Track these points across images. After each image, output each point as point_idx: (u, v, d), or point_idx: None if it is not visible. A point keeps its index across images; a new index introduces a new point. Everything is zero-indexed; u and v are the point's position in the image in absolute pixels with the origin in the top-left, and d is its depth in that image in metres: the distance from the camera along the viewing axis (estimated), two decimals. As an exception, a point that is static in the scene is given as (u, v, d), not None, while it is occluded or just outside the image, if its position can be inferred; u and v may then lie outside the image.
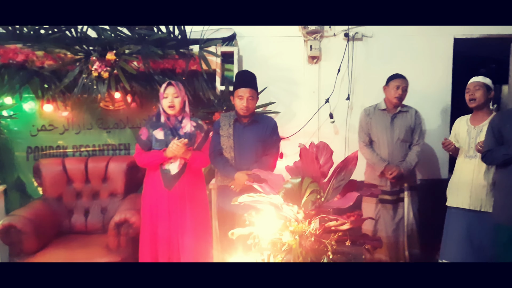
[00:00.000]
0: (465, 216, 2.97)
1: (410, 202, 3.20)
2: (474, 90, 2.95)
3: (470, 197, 2.92)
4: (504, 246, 2.59)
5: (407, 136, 3.21)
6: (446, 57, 3.71)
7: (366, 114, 3.30)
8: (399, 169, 3.12)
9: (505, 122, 2.64)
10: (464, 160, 3.01)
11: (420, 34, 3.67)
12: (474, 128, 2.98)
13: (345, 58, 3.68)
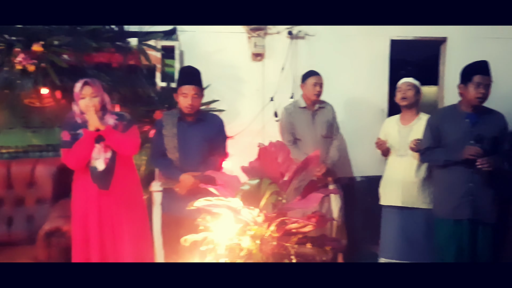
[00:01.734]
0: (399, 214, 3.08)
1: (338, 197, 3.24)
2: (406, 89, 3.07)
3: (403, 195, 3.03)
4: (444, 239, 2.72)
5: (328, 132, 3.26)
6: (383, 58, 3.83)
7: (287, 113, 3.29)
8: (325, 165, 3.15)
9: (443, 120, 2.78)
10: (395, 159, 3.12)
11: (359, 34, 3.75)
12: (405, 127, 3.09)
13: (288, 56, 3.66)
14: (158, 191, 2.87)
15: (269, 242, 1.63)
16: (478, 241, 2.64)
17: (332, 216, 3.19)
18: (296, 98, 3.59)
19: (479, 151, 2.51)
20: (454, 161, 2.64)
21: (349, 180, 3.83)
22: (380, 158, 3.86)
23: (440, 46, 3.98)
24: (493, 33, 3.83)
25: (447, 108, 2.94)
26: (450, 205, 2.68)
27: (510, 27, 3.81)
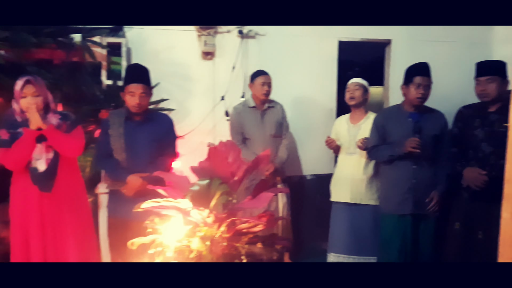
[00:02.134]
0: (347, 210, 3.16)
1: (285, 195, 3.28)
2: (354, 89, 3.15)
3: (351, 192, 3.12)
4: (389, 233, 2.84)
5: (277, 131, 3.29)
6: (331, 58, 3.91)
7: (236, 112, 3.29)
8: (274, 165, 3.18)
9: (387, 119, 2.89)
10: (345, 156, 3.20)
11: (309, 35, 3.80)
12: (354, 126, 3.18)
13: (239, 55, 3.65)
14: (104, 193, 2.77)
15: (219, 243, 1.61)
16: (420, 235, 2.78)
17: (279, 215, 3.23)
18: (247, 97, 3.59)
19: (418, 141, 2.63)
20: (398, 156, 2.74)
21: (299, 179, 3.88)
22: (329, 157, 3.96)
23: (385, 48, 4.12)
24: (435, 35, 4.01)
25: (392, 107, 3.06)
26: (395, 201, 2.80)
27: (451, 30, 4.00)
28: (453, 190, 2.74)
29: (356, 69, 5.88)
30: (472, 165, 2.62)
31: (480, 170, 2.55)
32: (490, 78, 2.58)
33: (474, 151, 2.63)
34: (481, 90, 2.61)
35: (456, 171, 2.69)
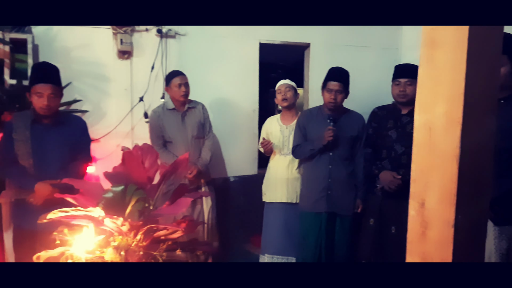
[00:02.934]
0: (282, 210, 3.20)
1: (210, 197, 3.25)
2: (286, 91, 3.21)
3: (287, 191, 3.17)
4: (306, 231, 2.93)
5: (200, 132, 3.23)
6: (253, 60, 3.93)
7: (156, 115, 3.17)
8: (197, 167, 3.13)
9: (309, 120, 2.98)
10: (279, 157, 3.24)
11: (230, 36, 3.79)
12: (286, 127, 3.24)
13: (158, 55, 3.53)
14: (8, 202, 2.52)
15: (135, 252, 1.52)
16: (336, 232, 2.90)
17: (205, 219, 3.17)
18: (166, 99, 3.49)
19: (335, 130, 2.75)
20: (318, 149, 2.85)
21: (223, 181, 3.85)
22: (252, 158, 3.98)
23: (305, 51, 4.24)
24: (350, 41, 4.20)
25: (313, 109, 3.16)
26: (312, 199, 2.91)
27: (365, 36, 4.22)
28: (369, 189, 2.88)
29: (279, 71, 6.00)
30: (386, 165, 2.77)
31: (395, 174, 2.70)
32: (409, 80, 2.74)
33: (387, 151, 2.79)
34: (401, 91, 2.76)
35: (372, 173, 2.83)
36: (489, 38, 0.87)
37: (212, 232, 3.24)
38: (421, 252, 0.91)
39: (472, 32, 0.83)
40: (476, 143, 0.88)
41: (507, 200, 2.17)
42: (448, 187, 0.87)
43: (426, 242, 0.91)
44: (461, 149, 0.85)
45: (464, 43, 0.83)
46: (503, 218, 2.20)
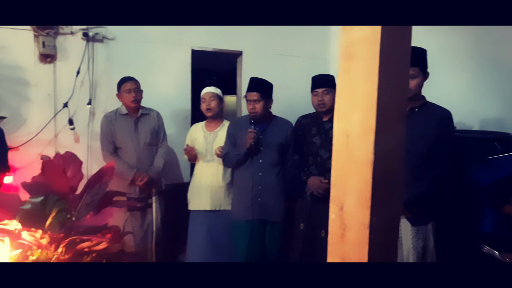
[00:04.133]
0: (206, 217, 3.18)
1: (158, 207, 3.20)
2: (210, 100, 3.20)
3: (211, 199, 3.15)
4: (238, 238, 2.94)
5: (153, 139, 3.20)
6: (185, 66, 3.90)
7: (107, 121, 3.12)
8: (148, 175, 3.08)
9: (238, 128, 3.01)
10: (203, 164, 3.22)
11: (161, 41, 3.73)
12: (210, 134, 3.23)
13: (85, 59, 3.38)
14: None
15: (56, 267, 1.44)
16: (267, 238, 2.95)
17: (154, 229, 3.11)
18: (98, 103, 3.37)
19: (256, 131, 2.81)
20: (244, 154, 2.89)
21: (175, 187, 3.75)
22: (185, 165, 3.93)
23: (237, 59, 4.28)
24: (281, 50, 4.31)
25: (242, 117, 3.20)
26: (243, 207, 2.93)
27: (295, 45, 4.35)
28: (298, 194, 2.96)
29: (214, 77, 6.00)
30: (313, 170, 2.87)
31: (322, 178, 2.80)
32: (326, 89, 2.86)
33: (313, 157, 2.88)
34: (319, 100, 2.88)
35: (300, 179, 2.91)
36: (399, 52, 0.94)
37: (159, 243, 3.17)
38: (340, 253, 0.96)
39: (383, 46, 0.89)
40: (388, 149, 0.94)
41: (423, 201, 2.34)
42: (364, 191, 0.92)
43: (345, 243, 0.96)
44: (375, 154, 0.91)
45: (376, 56, 0.89)
46: (420, 219, 2.37)
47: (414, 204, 2.33)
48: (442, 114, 2.37)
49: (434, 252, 2.42)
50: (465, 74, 3.69)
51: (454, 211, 2.86)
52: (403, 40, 0.95)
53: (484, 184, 2.62)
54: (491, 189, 2.41)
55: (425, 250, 2.38)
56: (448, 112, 2.38)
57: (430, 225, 2.41)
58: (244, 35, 4.10)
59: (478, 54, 3.62)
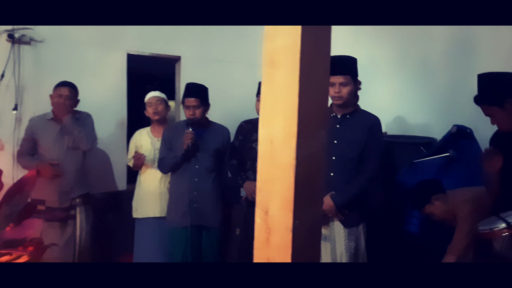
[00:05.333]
0: (156, 225, 3.11)
1: (84, 218, 3.06)
2: (157, 104, 3.16)
3: (160, 205, 3.09)
4: (173, 246, 2.90)
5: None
6: (121, 70, 3.79)
7: (31, 125, 2.99)
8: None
9: (174, 133, 2.99)
10: (150, 171, 3.16)
11: (94, 45, 3.61)
12: (158, 139, 3.18)
13: (10, 62, 3.19)
14: None
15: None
16: (203, 244, 2.93)
17: (77, 241, 2.96)
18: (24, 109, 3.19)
19: (192, 132, 2.80)
20: (181, 157, 2.85)
21: (108, 196, 3.61)
22: (121, 173, 3.81)
23: (176, 64, 4.23)
24: (220, 56, 4.31)
25: (179, 122, 3.19)
26: (178, 213, 2.90)
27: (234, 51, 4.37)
28: (235, 199, 2.98)
29: (155, 82, 5.90)
30: (250, 175, 2.89)
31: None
32: None
33: (252, 162, 2.92)
34: None
35: (237, 184, 2.92)
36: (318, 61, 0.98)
37: (84, 255, 3.03)
38: (265, 258, 0.97)
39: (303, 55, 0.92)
40: (309, 154, 0.97)
41: (354, 203, 2.43)
42: (287, 195, 0.94)
43: (270, 247, 0.98)
44: (297, 160, 0.93)
45: (297, 65, 0.92)
46: (351, 221, 2.47)
47: (346, 207, 2.42)
48: (371, 120, 2.49)
49: (366, 253, 2.52)
50: (394, 83, 3.91)
51: (384, 212, 3.01)
52: (322, 50, 0.99)
53: (410, 186, 2.78)
54: (414, 190, 2.56)
55: (357, 251, 2.48)
56: (377, 119, 2.51)
57: (361, 226, 2.51)
58: (182, 40, 4.06)
59: (406, 64, 3.85)
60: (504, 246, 2.04)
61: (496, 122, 2.01)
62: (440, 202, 2.43)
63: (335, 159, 2.44)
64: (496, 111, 1.96)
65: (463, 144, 2.95)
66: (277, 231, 0.97)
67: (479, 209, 2.29)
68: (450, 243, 2.35)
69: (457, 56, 3.44)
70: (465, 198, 2.39)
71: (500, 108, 1.94)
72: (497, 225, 1.82)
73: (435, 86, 3.60)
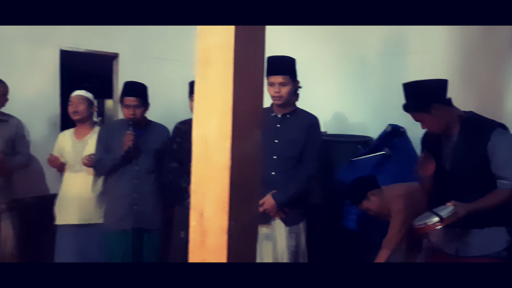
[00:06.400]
0: (75, 232, 2.96)
1: (9, 224, 2.87)
2: (78, 103, 3.01)
3: (79, 212, 2.93)
4: (112, 250, 2.80)
5: (7, 149, 2.87)
6: (53, 67, 3.58)
7: None
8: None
9: (112, 133, 2.89)
10: (71, 175, 3.00)
11: (23, 40, 3.38)
12: (79, 142, 3.03)
13: None
14: None
15: None
16: (144, 248, 2.85)
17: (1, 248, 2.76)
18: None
19: (133, 133, 2.72)
20: (121, 158, 2.76)
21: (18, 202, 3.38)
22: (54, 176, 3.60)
23: (113, 61, 4.08)
24: (159, 53, 4.21)
25: (116, 121, 3.07)
26: (117, 216, 2.80)
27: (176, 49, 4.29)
28: (177, 202, 2.91)
29: (94, 80, 5.66)
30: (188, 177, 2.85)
31: None
32: None
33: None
34: None
35: (180, 186, 2.85)
36: (253, 60, 0.97)
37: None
38: (200, 260, 0.95)
39: (237, 54, 0.91)
40: (244, 154, 0.96)
41: (295, 202, 2.47)
42: (222, 196, 0.93)
43: (205, 250, 0.96)
44: (232, 160, 0.92)
45: (230, 63, 0.90)
46: (292, 219, 2.50)
47: (287, 205, 2.45)
48: (310, 120, 2.53)
49: (306, 250, 2.57)
50: (333, 83, 4.02)
51: (323, 209, 3.08)
52: (257, 48, 0.98)
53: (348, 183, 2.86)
54: (351, 187, 2.64)
55: (297, 249, 2.52)
56: (315, 118, 2.56)
57: (302, 224, 2.55)
58: (120, 36, 3.92)
59: (344, 65, 3.97)
60: (441, 239, 2.16)
61: (426, 126, 2.12)
62: (376, 198, 2.52)
63: (276, 158, 2.46)
64: (425, 116, 2.06)
65: (397, 142, 3.09)
66: (213, 234, 0.95)
67: (412, 203, 2.40)
68: (385, 238, 2.45)
69: (391, 56, 3.60)
70: (399, 193, 2.50)
71: (428, 113, 2.04)
72: (430, 219, 1.92)
73: (372, 86, 3.75)
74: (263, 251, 2.50)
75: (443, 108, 2.05)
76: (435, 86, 2.08)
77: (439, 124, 2.08)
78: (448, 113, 2.07)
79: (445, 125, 2.08)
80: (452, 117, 2.08)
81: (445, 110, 2.06)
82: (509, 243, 2.04)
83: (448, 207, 1.90)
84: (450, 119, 2.08)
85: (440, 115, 2.04)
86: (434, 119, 2.05)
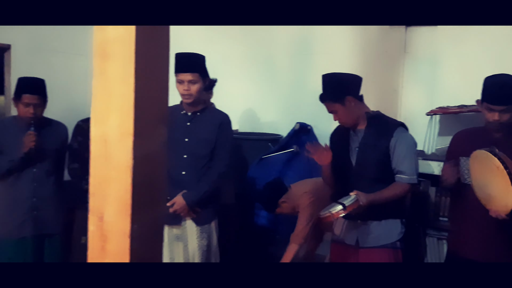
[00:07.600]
0: None
1: None
2: None
3: None
4: (8, 260, 2.55)
5: None
6: None
7: None
8: None
9: (4, 131, 2.63)
10: None
11: None
12: None
13: None
14: None
15: None
16: (46, 254, 2.64)
17: None
18: None
19: (35, 133, 2.49)
20: (19, 160, 2.52)
21: None
22: None
23: (5, 54, 3.70)
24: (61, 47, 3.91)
25: (8, 119, 2.83)
26: (13, 224, 2.56)
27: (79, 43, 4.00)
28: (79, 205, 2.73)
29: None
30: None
31: None
32: None
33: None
34: None
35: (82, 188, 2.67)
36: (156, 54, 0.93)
37: None
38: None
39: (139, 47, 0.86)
40: (148, 153, 0.92)
41: (206, 201, 2.44)
42: (124, 198, 0.88)
43: (106, 256, 0.90)
44: (134, 159, 0.87)
45: (132, 57, 0.86)
46: (203, 218, 2.47)
47: (198, 204, 2.41)
48: (221, 118, 2.53)
49: (218, 249, 2.56)
50: (245, 82, 4.06)
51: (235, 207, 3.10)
52: (160, 42, 0.94)
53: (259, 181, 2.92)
54: (262, 198, 2.72)
55: (209, 248, 2.49)
56: (226, 116, 2.56)
57: (213, 223, 2.54)
58: (13, 26, 3.56)
59: (254, 64, 4.03)
60: (343, 231, 2.28)
61: (338, 118, 2.24)
62: (287, 204, 2.64)
63: (187, 157, 2.42)
64: (339, 107, 2.18)
65: (305, 139, 3.22)
66: (114, 238, 0.90)
67: (319, 198, 2.51)
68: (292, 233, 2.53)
69: (298, 57, 3.73)
70: (306, 190, 2.60)
71: (341, 105, 2.15)
72: (335, 208, 2.03)
73: (281, 86, 3.85)
74: (174, 252, 2.44)
75: (356, 102, 2.21)
76: (351, 80, 2.23)
77: (350, 117, 2.21)
78: (359, 107, 2.22)
79: (355, 119, 2.23)
80: (362, 113, 2.22)
81: (356, 104, 2.21)
82: (403, 234, 2.23)
83: (351, 196, 2.04)
84: (360, 114, 2.22)
85: (352, 108, 2.18)
86: (347, 112, 2.18)
